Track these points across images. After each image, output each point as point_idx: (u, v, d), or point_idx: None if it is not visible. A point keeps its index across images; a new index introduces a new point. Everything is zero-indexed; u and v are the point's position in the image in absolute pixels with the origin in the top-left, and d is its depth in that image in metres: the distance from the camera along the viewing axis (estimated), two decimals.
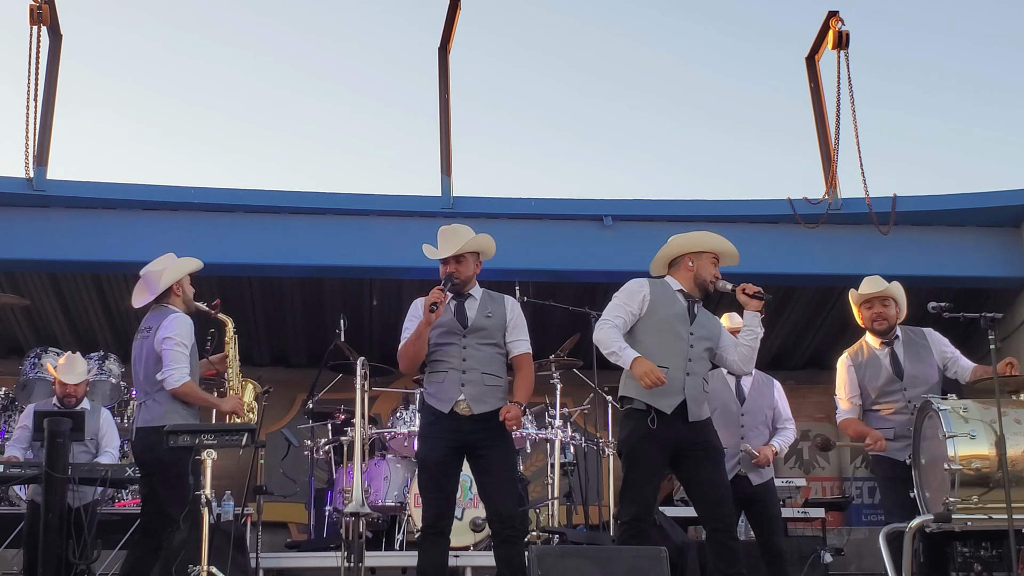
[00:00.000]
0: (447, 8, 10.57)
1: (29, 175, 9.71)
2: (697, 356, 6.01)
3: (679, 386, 5.88)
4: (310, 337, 12.41)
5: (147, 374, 6.52)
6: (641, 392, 5.87)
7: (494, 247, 6.33)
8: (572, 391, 9.98)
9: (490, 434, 5.95)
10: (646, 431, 5.86)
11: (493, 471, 5.97)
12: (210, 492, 5.67)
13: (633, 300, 6.06)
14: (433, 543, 5.91)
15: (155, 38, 20.43)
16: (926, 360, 6.78)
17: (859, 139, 10.20)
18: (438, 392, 6.02)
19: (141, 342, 6.61)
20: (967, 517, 6.03)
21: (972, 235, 10.71)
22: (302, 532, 11.41)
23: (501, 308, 6.20)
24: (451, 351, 6.05)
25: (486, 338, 6.08)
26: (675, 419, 5.87)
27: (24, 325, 12.09)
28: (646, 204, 10.54)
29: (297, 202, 10.28)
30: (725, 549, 5.83)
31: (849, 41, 10.37)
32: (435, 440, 6.00)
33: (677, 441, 5.89)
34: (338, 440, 9.32)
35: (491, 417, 5.96)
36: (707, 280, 6.12)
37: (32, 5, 9.73)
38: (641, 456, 5.90)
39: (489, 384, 6.03)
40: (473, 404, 5.95)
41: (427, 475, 6.03)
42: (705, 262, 6.17)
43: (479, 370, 6.01)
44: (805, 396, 10.21)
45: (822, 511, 9.61)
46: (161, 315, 6.60)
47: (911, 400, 6.64)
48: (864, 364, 6.81)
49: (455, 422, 5.95)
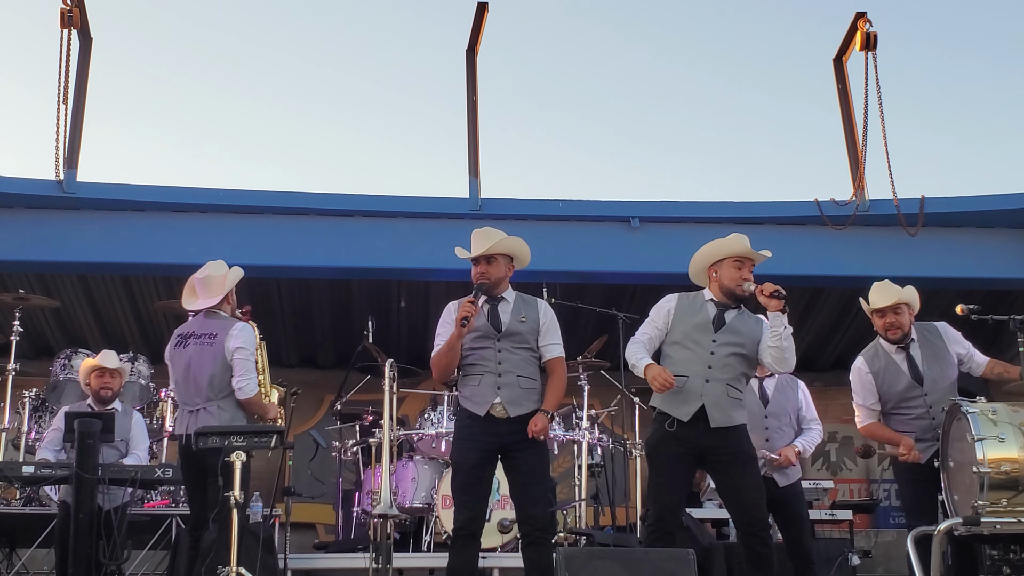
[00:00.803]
0: (475, 10, 10.58)
1: (59, 177, 9.76)
2: (720, 363, 5.99)
3: (697, 393, 5.89)
4: (338, 338, 12.46)
5: (212, 380, 6.58)
6: (662, 401, 5.97)
7: (528, 254, 6.35)
8: (599, 392, 9.99)
9: (525, 436, 5.96)
10: (664, 433, 5.93)
11: (526, 472, 6.00)
12: (239, 493, 5.69)
13: (659, 316, 6.16)
14: (465, 545, 5.96)
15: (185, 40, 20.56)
16: (943, 359, 6.75)
17: (887, 140, 10.16)
18: (474, 395, 6.06)
19: (201, 348, 6.64)
20: (996, 520, 6.00)
21: (1000, 237, 10.65)
22: (330, 533, 11.44)
23: (534, 312, 6.22)
24: (486, 355, 6.09)
25: (520, 342, 6.11)
26: (695, 425, 5.88)
27: (54, 326, 12.18)
28: (673, 206, 10.52)
29: (325, 204, 10.31)
30: (754, 554, 5.84)
31: (877, 42, 10.32)
32: (470, 443, 6.04)
33: (700, 446, 5.90)
34: (366, 441, 9.34)
35: (527, 419, 5.99)
36: (732, 287, 6.09)
37: (63, 8, 9.78)
38: (661, 458, 5.96)
39: (525, 387, 6.06)
40: (509, 407, 5.99)
41: (461, 478, 6.07)
42: (726, 268, 6.14)
43: (515, 373, 6.05)
44: (833, 398, 10.18)
45: (850, 513, 9.57)
46: (225, 323, 6.70)
47: (931, 404, 6.62)
48: (882, 370, 6.77)
49: (491, 424, 5.99)
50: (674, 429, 5.89)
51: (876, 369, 6.79)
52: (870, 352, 6.89)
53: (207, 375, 6.59)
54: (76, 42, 10.08)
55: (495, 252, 6.18)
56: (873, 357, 6.84)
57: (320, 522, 11.98)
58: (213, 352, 6.60)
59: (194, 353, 6.65)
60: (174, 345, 6.83)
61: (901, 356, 6.74)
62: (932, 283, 10.68)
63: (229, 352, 6.58)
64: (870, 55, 10.33)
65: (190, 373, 6.65)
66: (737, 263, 6.12)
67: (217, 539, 5.89)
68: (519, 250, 6.31)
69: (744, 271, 6.11)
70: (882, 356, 6.81)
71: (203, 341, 6.67)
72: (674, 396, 5.90)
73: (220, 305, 6.81)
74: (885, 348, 6.81)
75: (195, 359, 6.64)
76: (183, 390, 6.74)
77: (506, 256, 6.24)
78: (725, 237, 6.23)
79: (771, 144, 22.39)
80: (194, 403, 6.65)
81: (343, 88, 20.94)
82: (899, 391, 6.72)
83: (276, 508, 8.53)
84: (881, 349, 6.83)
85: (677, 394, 5.90)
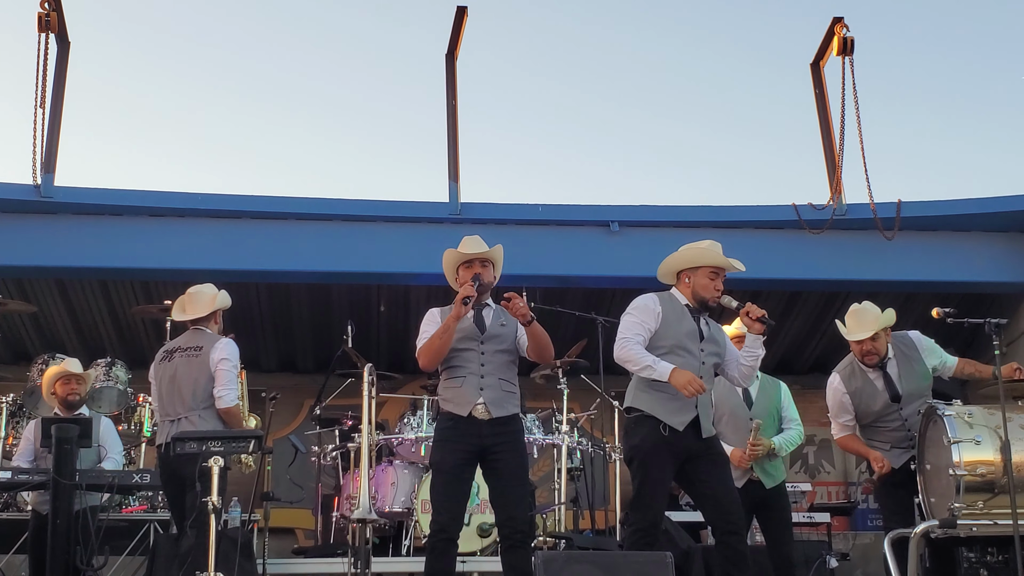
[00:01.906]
0: (454, 15, 10.59)
1: (37, 182, 9.73)
2: (707, 373, 6.00)
3: (691, 402, 5.87)
4: (318, 343, 12.43)
5: (195, 390, 6.79)
6: (654, 407, 5.91)
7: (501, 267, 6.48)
8: (579, 396, 9.99)
9: (506, 439, 6.03)
10: (658, 438, 5.87)
11: (507, 475, 6.02)
12: (217, 499, 5.68)
13: (649, 316, 6.02)
14: (443, 550, 5.94)
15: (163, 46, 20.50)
16: (919, 372, 6.77)
17: (864, 144, 10.20)
18: (456, 397, 6.09)
19: (187, 360, 6.86)
20: (972, 523, 6.05)
21: (977, 240, 10.70)
22: (309, 538, 11.42)
23: (512, 318, 6.24)
24: (469, 356, 6.14)
25: (501, 343, 6.18)
26: (686, 433, 5.88)
27: (32, 332, 12.12)
28: (653, 210, 10.54)
29: (304, 208, 10.30)
30: (734, 552, 5.83)
31: (854, 47, 10.36)
32: (452, 444, 6.05)
33: (687, 452, 5.91)
34: (345, 446, 9.34)
35: (508, 422, 6.06)
36: (707, 297, 6.05)
37: (40, 13, 9.74)
38: (654, 463, 5.91)
39: (506, 390, 6.12)
40: (492, 408, 6.03)
41: (441, 480, 6.06)
42: (701, 277, 6.07)
43: (496, 375, 6.11)
44: (811, 401, 10.17)
45: (827, 516, 9.61)
46: (210, 337, 6.97)
47: (907, 417, 6.66)
48: (859, 390, 6.78)
49: (473, 426, 6.01)
50: (667, 435, 5.88)
51: (852, 389, 6.80)
52: (846, 371, 6.88)
53: (191, 385, 6.80)
54: (54, 46, 10.05)
55: (488, 258, 6.30)
56: (849, 376, 6.84)
57: (300, 527, 11.94)
58: (199, 363, 6.83)
59: (180, 365, 6.87)
60: (159, 360, 7.07)
61: (878, 375, 6.75)
62: (909, 286, 10.74)
63: (213, 363, 6.81)
64: (847, 60, 10.37)
65: (175, 384, 6.84)
66: (712, 273, 6.07)
67: (195, 544, 5.88)
68: (501, 262, 6.44)
69: (718, 281, 6.07)
70: (858, 376, 6.81)
71: (189, 354, 6.90)
72: (669, 403, 5.87)
73: (207, 323, 7.06)
74: (861, 367, 6.81)
75: (181, 370, 6.85)
76: (166, 401, 6.91)
77: (493, 264, 6.36)
78: (700, 243, 6.16)
79: (749, 149, 22.48)
80: (176, 413, 6.81)
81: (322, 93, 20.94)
82: (875, 410, 6.76)
83: (255, 513, 8.50)
84: (857, 367, 6.83)
85: (672, 402, 5.87)
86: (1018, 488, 5.89)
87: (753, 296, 11.50)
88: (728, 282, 5.91)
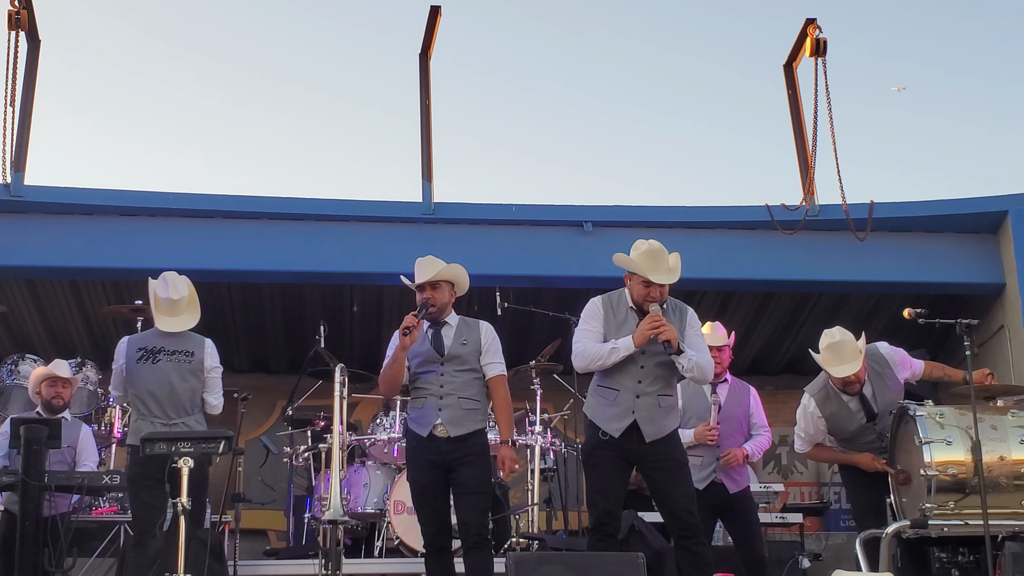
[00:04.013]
0: (428, 15, 10.56)
1: (6, 181, 9.65)
2: (649, 375, 5.98)
3: (628, 408, 5.91)
4: (290, 343, 12.37)
5: (192, 396, 6.97)
6: (594, 414, 6.05)
7: (467, 280, 6.60)
8: (552, 396, 9.99)
9: (466, 452, 6.21)
10: (598, 440, 5.99)
11: (463, 484, 6.19)
12: (187, 500, 5.64)
13: (594, 320, 6.13)
14: (436, 560, 6.26)
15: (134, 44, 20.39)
16: (891, 387, 6.77)
17: (836, 145, 10.22)
18: (418, 417, 6.29)
19: (179, 364, 6.95)
20: (944, 523, 6.08)
21: (949, 241, 10.74)
22: (281, 539, 11.36)
23: (476, 334, 6.40)
24: (430, 379, 6.31)
25: (462, 364, 6.31)
26: (628, 437, 5.91)
27: (1, 332, 12.02)
28: (626, 210, 10.54)
29: (277, 208, 10.25)
30: (692, 555, 5.88)
31: (827, 48, 10.39)
32: (419, 462, 6.30)
33: (632, 454, 5.96)
34: (317, 447, 9.30)
35: (468, 438, 6.23)
36: (640, 302, 6.01)
37: (10, 10, 9.68)
38: (595, 463, 6.03)
39: (466, 408, 6.26)
40: (450, 427, 6.20)
41: (417, 496, 6.34)
42: (636, 284, 6.05)
43: (456, 395, 6.25)
44: (783, 402, 10.22)
45: (800, 516, 9.62)
46: (196, 340, 7.08)
47: (881, 430, 6.68)
48: (834, 414, 6.76)
49: (434, 443, 6.21)
50: (607, 439, 5.94)
51: (828, 413, 6.78)
52: (820, 395, 6.82)
53: (189, 393, 6.95)
54: (24, 44, 9.97)
55: (439, 279, 6.39)
56: (824, 401, 6.80)
57: (272, 529, 11.89)
58: (192, 368, 6.97)
59: (173, 369, 6.94)
60: (138, 359, 6.97)
61: (854, 397, 6.72)
62: (881, 287, 10.77)
63: (207, 369, 7.01)
64: (820, 61, 10.40)
65: (173, 388, 6.92)
66: (646, 281, 6.01)
67: (164, 546, 5.84)
68: (460, 277, 6.53)
69: (653, 290, 5.97)
70: (833, 399, 6.78)
71: (179, 358, 6.97)
72: (606, 410, 5.97)
73: None
74: (836, 390, 6.77)
75: (176, 375, 6.93)
76: (156, 404, 6.92)
77: (448, 283, 6.45)
78: (639, 245, 6.08)
79: (722, 149, 22.54)
80: (168, 417, 6.89)
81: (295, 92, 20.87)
82: (851, 431, 6.76)
83: (226, 515, 8.46)
84: (832, 391, 6.79)
85: (609, 408, 5.96)
86: (989, 488, 5.92)
87: (726, 297, 11.54)
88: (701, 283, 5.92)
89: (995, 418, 6.30)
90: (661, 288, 6.00)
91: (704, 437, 7.01)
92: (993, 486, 6.03)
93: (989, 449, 6.06)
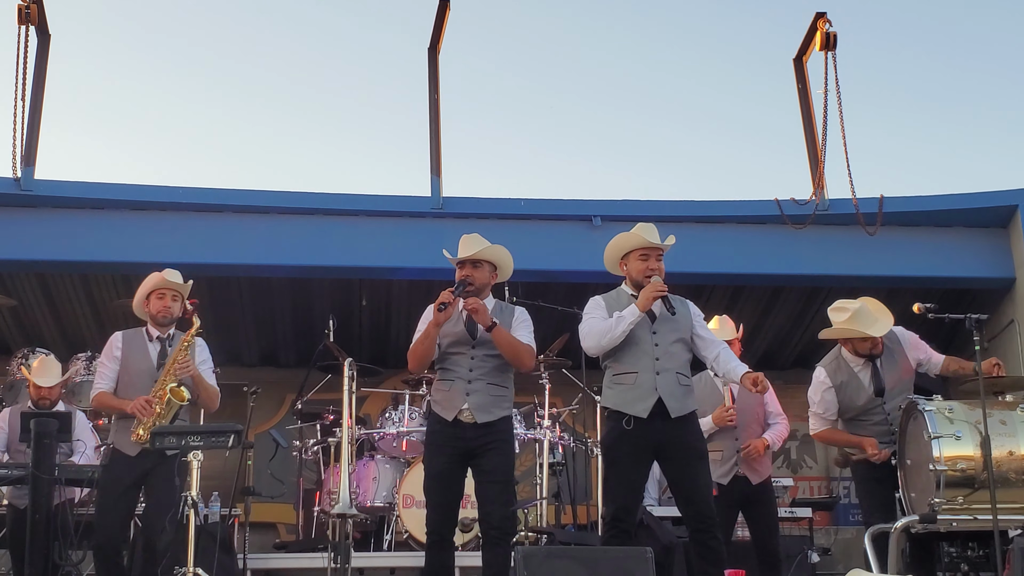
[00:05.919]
0: (436, 9, 10.56)
1: (17, 175, 9.68)
2: (665, 352, 5.98)
3: (651, 387, 5.89)
4: (299, 337, 12.40)
5: None
6: (617, 402, 5.96)
7: (511, 267, 6.45)
8: (561, 391, 9.99)
9: (492, 439, 6.02)
10: (621, 432, 5.91)
11: (487, 472, 6.01)
12: (196, 493, 5.66)
13: (599, 309, 6.12)
14: (437, 549, 6.02)
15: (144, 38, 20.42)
16: (901, 366, 6.75)
17: (846, 140, 10.21)
18: (443, 400, 6.11)
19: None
20: (952, 518, 6.06)
21: (959, 236, 10.73)
22: (291, 533, 11.40)
23: (509, 318, 6.25)
24: (459, 361, 6.13)
25: (493, 348, 6.10)
26: (654, 420, 5.87)
27: (12, 325, 12.06)
28: (635, 204, 10.53)
29: (286, 202, 10.27)
30: (707, 549, 5.86)
31: (836, 42, 10.37)
32: (439, 448, 6.09)
33: (656, 441, 5.90)
34: (326, 441, 9.32)
35: (494, 424, 6.04)
36: (639, 279, 6.05)
37: (20, 5, 9.70)
38: (617, 456, 5.97)
39: (494, 394, 6.10)
40: (477, 413, 6.02)
41: (430, 483, 6.11)
42: (633, 261, 6.12)
43: (485, 380, 6.09)
44: (793, 396, 10.16)
45: (809, 511, 9.62)
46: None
47: (889, 412, 6.65)
48: (844, 384, 6.74)
49: (458, 429, 6.02)
50: (631, 427, 5.88)
51: (838, 383, 6.75)
52: (832, 365, 6.83)
53: None
54: (34, 39, 10.00)
55: (482, 258, 6.25)
56: (835, 370, 6.79)
57: (281, 522, 11.93)
58: None
59: None
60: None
61: (864, 369, 6.71)
62: (890, 282, 10.74)
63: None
64: (830, 55, 10.38)
65: None
66: (643, 255, 6.08)
67: (174, 539, 5.86)
68: (503, 260, 6.39)
69: (651, 261, 6.05)
70: (844, 369, 6.77)
71: None
72: (628, 393, 5.91)
73: None
74: (848, 360, 6.77)
75: None
76: None
77: (491, 264, 6.31)
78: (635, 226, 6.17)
79: (732, 143, 22.50)
80: None
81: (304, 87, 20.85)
82: (859, 405, 6.73)
83: (235, 508, 8.48)
84: (843, 362, 6.79)
85: (630, 391, 5.91)
86: (998, 483, 5.90)
87: (735, 291, 11.54)
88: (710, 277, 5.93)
89: (1004, 413, 6.28)
90: (658, 257, 6.06)
91: (723, 419, 7.03)
92: (1002, 481, 6.01)
93: (998, 444, 6.03)
